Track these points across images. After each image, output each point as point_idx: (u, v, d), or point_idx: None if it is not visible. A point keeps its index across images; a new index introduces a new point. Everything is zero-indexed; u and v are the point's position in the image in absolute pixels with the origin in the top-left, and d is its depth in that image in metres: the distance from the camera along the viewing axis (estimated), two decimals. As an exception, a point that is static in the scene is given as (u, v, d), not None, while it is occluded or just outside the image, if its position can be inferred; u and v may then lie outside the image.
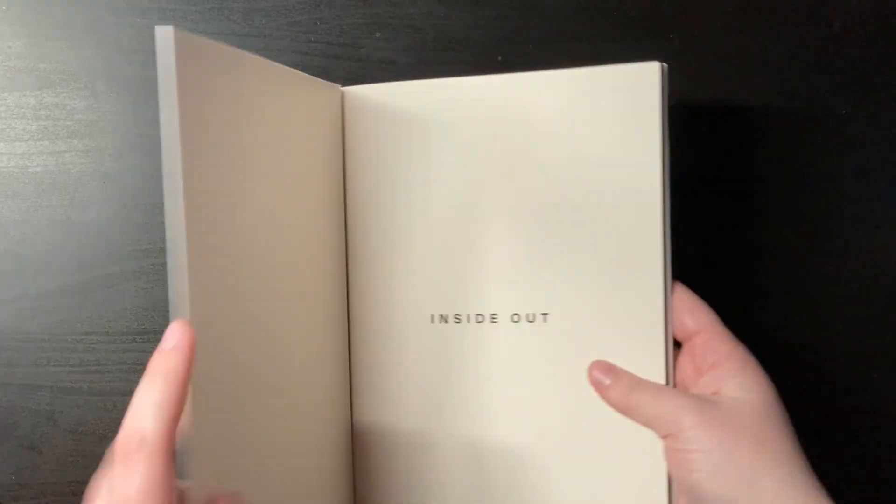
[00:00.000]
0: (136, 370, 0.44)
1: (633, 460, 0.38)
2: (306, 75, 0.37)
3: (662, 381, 0.38)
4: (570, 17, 0.46)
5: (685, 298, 0.38)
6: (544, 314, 0.39)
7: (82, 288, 0.43)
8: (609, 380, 0.37)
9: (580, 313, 0.38)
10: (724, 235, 0.46)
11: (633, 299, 0.38)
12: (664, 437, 0.35)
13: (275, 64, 0.35)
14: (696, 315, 0.37)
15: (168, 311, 0.29)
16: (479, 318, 0.39)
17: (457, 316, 0.39)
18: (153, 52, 0.27)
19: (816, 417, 0.46)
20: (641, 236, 0.37)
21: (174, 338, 0.29)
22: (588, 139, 0.38)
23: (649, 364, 0.37)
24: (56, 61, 0.43)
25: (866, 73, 0.47)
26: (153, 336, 0.44)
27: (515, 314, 0.39)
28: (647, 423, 0.36)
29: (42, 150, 0.43)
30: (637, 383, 0.37)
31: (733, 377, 0.35)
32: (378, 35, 0.45)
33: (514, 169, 0.39)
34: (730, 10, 0.46)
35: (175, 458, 0.28)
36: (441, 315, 0.39)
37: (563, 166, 0.38)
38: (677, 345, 0.39)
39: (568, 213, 0.38)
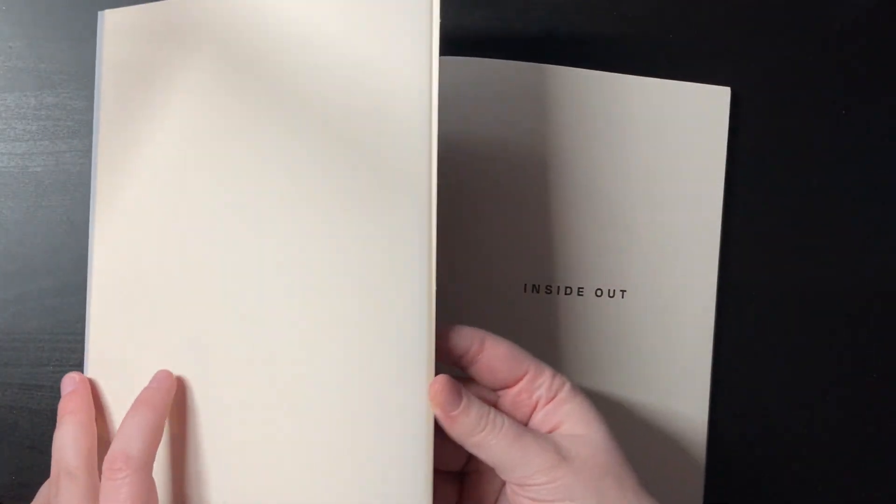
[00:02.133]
0: (136, 370, 0.44)
1: (677, 437, 0.45)
2: None
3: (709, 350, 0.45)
4: (570, 18, 0.46)
5: (498, 347, 0.34)
6: (623, 291, 0.44)
7: (82, 288, 0.43)
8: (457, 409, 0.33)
9: (652, 293, 0.45)
10: (723, 235, 0.46)
11: (691, 285, 0.45)
12: (516, 483, 0.32)
13: None
14: (515, 360, 0.34)
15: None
16: (568, 291, 0.44)
17: (548, 287, 0.43)
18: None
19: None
20: (702, 234, 0.45)
21: (158, 379, 0.34)
22: (667, 148, 0.45)
23: (700, 338, 0.45)
24: (56, 61, 0.43)
25: (867, 72, 0.47)
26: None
27: (599, 289, 0.44)
28: (494, 465, 0.33)
29: (42, 151, 0.43)
30: (493, 422, 0.33)
31: (568, 414, 0.33)
32: (378, 35, 0.45)
33: (611, 162, 0.44)
34: (729, 9, 0.46)
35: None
36: (534, 285, 0.43)
37: (648, 168, 0.44)
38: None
39: (645, 205, 0.44)
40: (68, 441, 0.33)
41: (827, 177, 0.47)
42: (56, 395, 0.42)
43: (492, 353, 0.34)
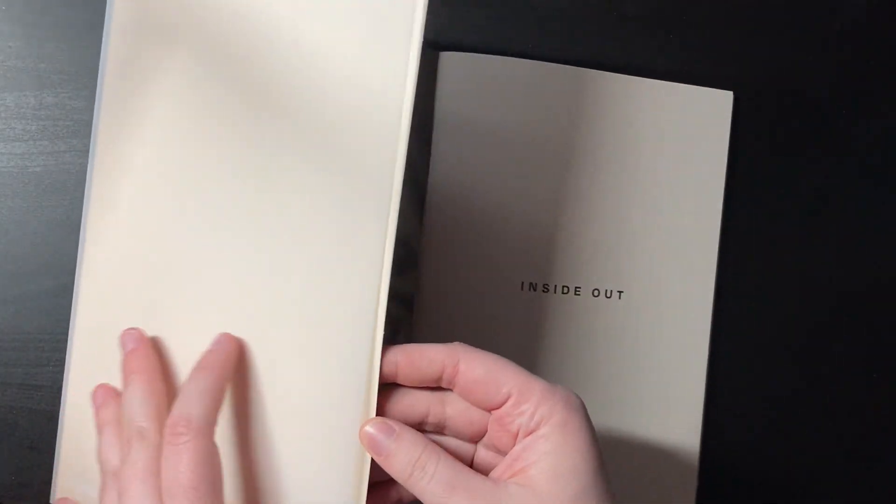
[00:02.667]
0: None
1: (671, 434, 0.45)
2: None
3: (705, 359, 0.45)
4: (570, 17, 0.46)
5: (473, 371, 0.32)
6: (620, 292, 0.44)
7: (82, 288, 0.43)
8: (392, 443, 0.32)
9: (650, 294, 0.45)
10: (722, 235, 0.46)
11: (688, 287, 0.45)
12: None
13: None
14: (492, 385, 0.32)
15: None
16: (565, 290, 0.44)
17: (545, 286, 0.43)
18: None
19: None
20: (700, 236, 0.45)
21: (218, 342, 0.33)
22: (668, 150, 0.45)
23: (697, 339, 0.45)
24: (56, 61, 0.43)
25: (867, 72, 0.47)
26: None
27: (596, 289, 0.44)
28: None
29: (42, 150, 0.43)
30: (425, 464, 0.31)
31: (541, 458, 0.30)
32: (378, 35, 0.45)
33: (612, 162, 0.45)
34: (729, 9, 0.46)
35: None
36: (531, 283, 0.43)
37: (649, 169, 0.45)
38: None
39: (645, 207, 0.45)
40: (136, 401, 0.33)
41: (827, 177, 0.47)
42: (56, 395, 0.42)
43: (467, 378, 0.32)
